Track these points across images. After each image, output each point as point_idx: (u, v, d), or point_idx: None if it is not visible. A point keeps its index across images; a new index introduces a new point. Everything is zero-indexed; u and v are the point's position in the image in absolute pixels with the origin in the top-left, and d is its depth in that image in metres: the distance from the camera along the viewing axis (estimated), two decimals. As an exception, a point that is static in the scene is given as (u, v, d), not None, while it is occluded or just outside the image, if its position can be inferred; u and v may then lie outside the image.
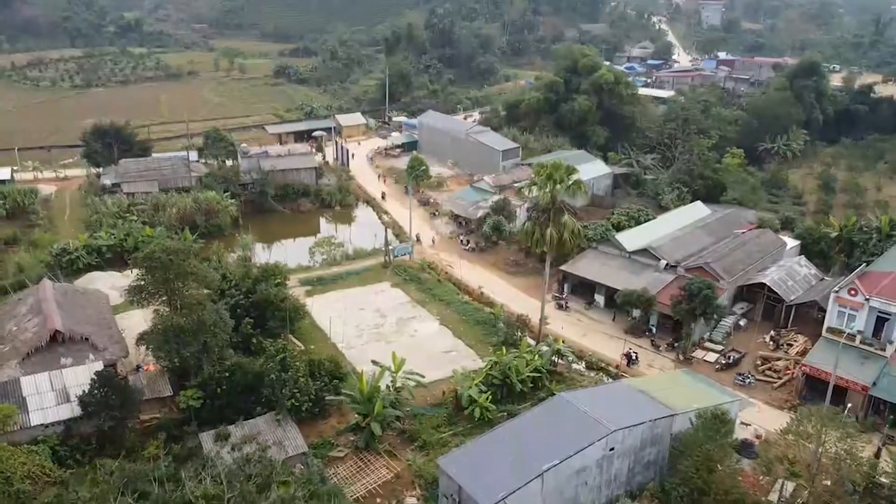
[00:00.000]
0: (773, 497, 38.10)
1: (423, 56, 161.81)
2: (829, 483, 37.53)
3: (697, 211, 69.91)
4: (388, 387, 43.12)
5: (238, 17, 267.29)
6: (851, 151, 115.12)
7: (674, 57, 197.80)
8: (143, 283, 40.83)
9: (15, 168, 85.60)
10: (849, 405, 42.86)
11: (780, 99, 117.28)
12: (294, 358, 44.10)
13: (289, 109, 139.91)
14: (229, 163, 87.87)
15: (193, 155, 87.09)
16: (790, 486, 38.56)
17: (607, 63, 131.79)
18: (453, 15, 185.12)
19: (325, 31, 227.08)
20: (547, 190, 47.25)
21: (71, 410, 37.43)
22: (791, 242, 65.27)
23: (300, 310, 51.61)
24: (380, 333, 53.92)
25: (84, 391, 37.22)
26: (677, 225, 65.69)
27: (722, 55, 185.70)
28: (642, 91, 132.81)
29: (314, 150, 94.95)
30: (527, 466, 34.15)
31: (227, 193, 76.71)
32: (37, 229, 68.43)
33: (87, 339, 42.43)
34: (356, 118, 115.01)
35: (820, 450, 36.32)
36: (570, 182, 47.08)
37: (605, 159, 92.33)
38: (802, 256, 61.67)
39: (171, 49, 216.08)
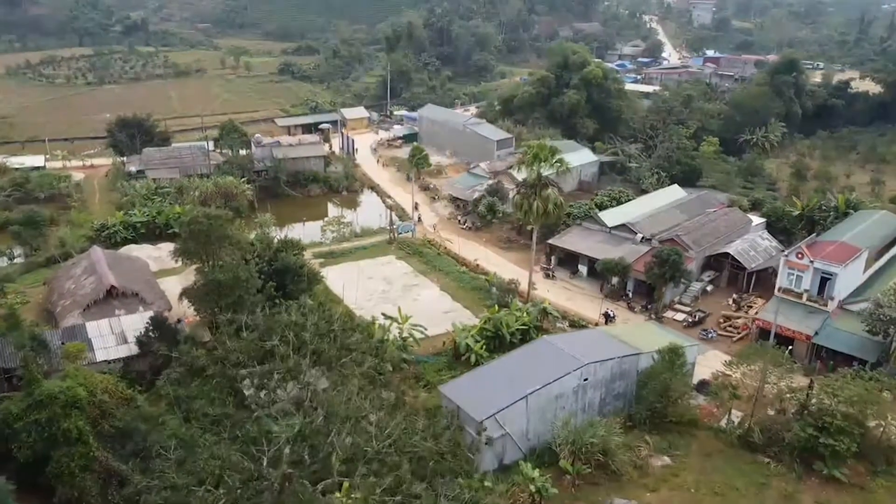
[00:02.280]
0: (723, 423, 45.04)
1: (422, 54, 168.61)
2: (771, 412, 44.61)
3: (674, 193, 76.82)
4: (395, 336, 49.96)
5: (240, 16, 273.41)
6: (826, 143, 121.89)
7: (664, 55, 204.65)
8: (186, 244, 47.68)
9: (46, 157, 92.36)
10: (789, 348, 49.64)
11: (760, 93, 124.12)
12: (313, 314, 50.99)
13: (294, 105, 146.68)
14: (243, 152, 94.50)
15: (209, 145, 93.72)
16: (738, 415, 45.50)
17: (598, 60, 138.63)
18: (451, 14, 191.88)
19: (326, 30, 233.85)
20: (533, 167, 54.13)
21: (129, 350, 44.27)
22: (757, 220, 72.19)
23: (317, 275, 58.36)
24: (387, 297, 60.76)
25: (140, 333, 44.03)
26: (654, 205, 72.56)
27: (710, 53, 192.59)
28: (631, 87, 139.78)
29: (322, 141, 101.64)
30: (514, 391, 40.99)
31: (243, 179, 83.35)
32: (72, 210, 75.18)
33: (136, 294, 49.35)
34: (360, 112, 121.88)
35: (761, 381, 43.41)
36: (554, 160, 53.94)
37: (593, 149, 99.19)
38: (765, 231, 68.64)
39: (177, 48, 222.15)
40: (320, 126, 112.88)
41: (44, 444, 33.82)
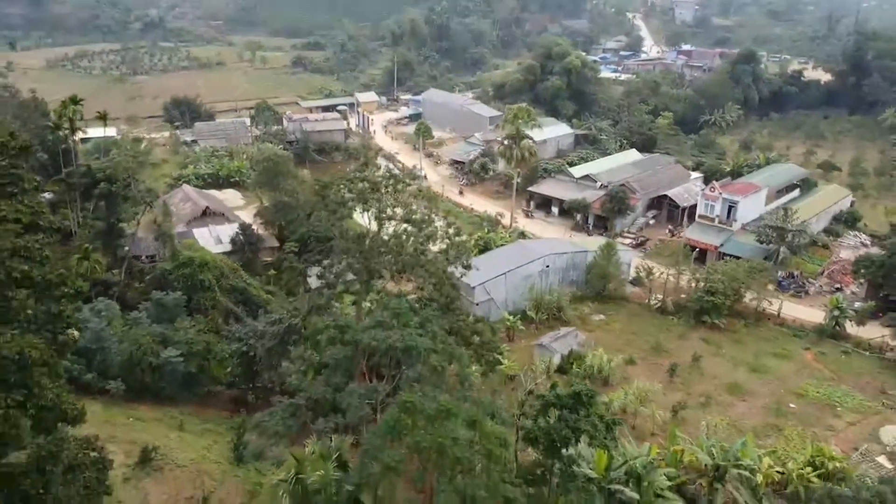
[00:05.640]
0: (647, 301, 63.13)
1: (422, 48, 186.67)
2: (683, 296, 62.72)
3: (631, 155, 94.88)
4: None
5: (250, 14, 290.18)
6: (776, 123, 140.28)
7: (644, 49, 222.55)
8: (260, 177, 65.61)
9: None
10: (695, 251, 67.69)
11: (720, 81, 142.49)
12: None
13: (309, 93, 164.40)
14: (275, 127, 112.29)
15: (247, 122, 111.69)
16: (659, 297, 63.51)
17: (583, 53, 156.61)
18: (450, 12, 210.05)
19: (333, 27, 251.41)
20: (513, 124, 72.19)
21: (223, 248, 62.07)
22: (696, 175, 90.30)
23: (350, 209, 76.27)
24: (402, 228, 78.74)
25: (233, 235, 61.99)
26: (614, 163, 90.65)
27: (686, 47, 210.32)
28: (611, 76, 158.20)
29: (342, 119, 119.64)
30: (496, 271, 59.06)
31: (279, 147, 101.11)
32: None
33: (222, 214, 67.28)
34: (371, 96, 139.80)
35: (677, 268, 61.64)
36: (529, 118, 72.00)
37: (571, 125, 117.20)
38: (699, 180, 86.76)
39: (193, 44, 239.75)
40: (338, 108, 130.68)
41: (186, 290, 51.51)
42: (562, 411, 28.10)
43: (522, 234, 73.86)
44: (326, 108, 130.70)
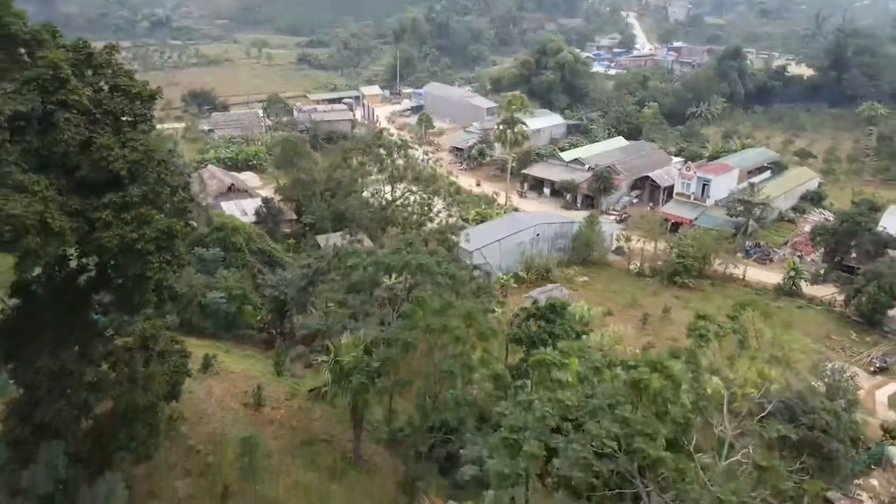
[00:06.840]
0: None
1: (423, 45, 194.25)
2: (659, 262, 70.19)
3: (617, 141, 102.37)
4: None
5: (254, 13, 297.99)
6: (760, 116, 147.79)
7: (637, 46, 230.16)
8: (279, 158, 72.95)
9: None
10: (670, 223, 75.15)
11: (707, 76, 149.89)
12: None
13: (315, 88, 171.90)
14: (286, 118, 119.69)
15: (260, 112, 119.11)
16: (637, 264, 70.93)
17: (578, 50, 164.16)
18: (449, 11, 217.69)
19: (335, 25, 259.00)
20: (508, 110, 79.61)
21: (248, 219, 69.30)
22: (677, 159, 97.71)
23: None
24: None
25: (256, 207, 69.32)
26: (601, 149, 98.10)
27: (678, 44, 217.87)
28: (603, 71, 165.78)
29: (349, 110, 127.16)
30: (491, 238, 66.41)
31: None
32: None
33: (246, 190, 74.60)
34: (375, 89, 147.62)
35: (654, 237, 69.01)
36: (522, 105, 79.41)
37: (564, 116, 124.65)
38: (679, 163, 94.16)
39: (200, 42, 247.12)
40: (343, 101, 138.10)
41: (221, 249, 58.89)
42: (539, 321, 35.53)
43: (516, 209, 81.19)
44: (333, 101, 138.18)
